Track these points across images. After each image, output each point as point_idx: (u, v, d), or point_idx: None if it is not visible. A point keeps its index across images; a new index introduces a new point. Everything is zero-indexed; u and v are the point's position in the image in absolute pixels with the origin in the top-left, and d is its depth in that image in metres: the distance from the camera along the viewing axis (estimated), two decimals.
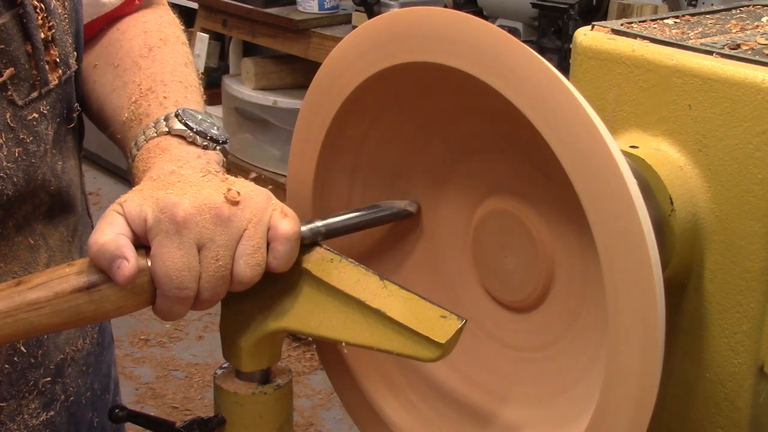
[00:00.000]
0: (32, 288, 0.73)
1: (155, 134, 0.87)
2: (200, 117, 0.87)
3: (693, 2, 2.35)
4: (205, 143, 0.86)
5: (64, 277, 0.74)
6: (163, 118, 0.88)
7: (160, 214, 0.74)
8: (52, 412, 0.95)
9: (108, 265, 0.73)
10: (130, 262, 0.72)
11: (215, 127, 0.87)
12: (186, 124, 0.86)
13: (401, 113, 0.85)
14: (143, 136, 0.87)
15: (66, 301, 0.73)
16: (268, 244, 0.76)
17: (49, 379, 0.94)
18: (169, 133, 0.86)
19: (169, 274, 0.73)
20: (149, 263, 0.74)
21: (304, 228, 0.78)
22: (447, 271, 0.90)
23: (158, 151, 0.85)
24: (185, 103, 0.92)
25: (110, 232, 0.73)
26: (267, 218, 0.76)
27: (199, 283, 0.74)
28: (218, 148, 0.86)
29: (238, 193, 0.76)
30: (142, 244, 0.75)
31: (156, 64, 0.96)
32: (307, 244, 0.79)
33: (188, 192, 0.75)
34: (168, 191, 0.75)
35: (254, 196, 0.77)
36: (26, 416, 0.92)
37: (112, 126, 0.96)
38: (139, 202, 0.75)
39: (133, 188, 0.79)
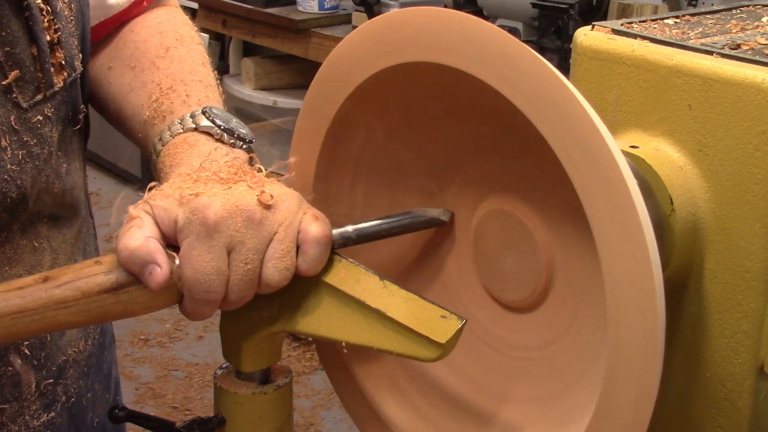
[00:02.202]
0: (60, 286, 0.73)
1: (181, 130, 0.86)
2: (227, 115, 0.87)
3: (693, 2, 2.35)
4: (232, 141, 0.85)
5: (92, 276, 0.73)
6: (188, 114, 0.88)
7: (191, 216, 0.73)
8: (53, 414, 0.95)
9: (140, 271, 0.72)
10: (162, 268, 0.71)
11: (242, 126, 0.87)
12: (213, 121, 0.86)
13: (401, 113, 0.85)
14: (168, 132, 0.87)
15: (93, 301, 0.73)
16: (297, 248, 0.75)
17: (51, 380, 0.94)
18: (196, 129, 0.86)
19: (198, 277, 0.72)
20: (177, 262, 0.73)
21: (334, 232, 0.78)
22: (447, 271, 0.90)
23: (185, 146, 0.84)
24: (207, 101, 0.91)
25: (139, 236, 0.72)
26: (298, 221, 0.75)
27: (227, 286, 0.74)
28: (245, 147, 0.86)
29: (272, 196, 0.75)
30: (169, 243, 0.74)
31: (174, 63, 0.96)
32: (337, 248, 0.78)
33: (219, 193, 0.74)
34: (199, 191, 0.74)
35: (286, 198, 0.76)
36: (27, 417, 0.92)
37: (131, 125, 0.95)
38: (168, 201, 0.74)
39: (161, 185, 0.78)
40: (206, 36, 3.65)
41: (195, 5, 3.69)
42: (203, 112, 0.87)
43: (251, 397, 0.82)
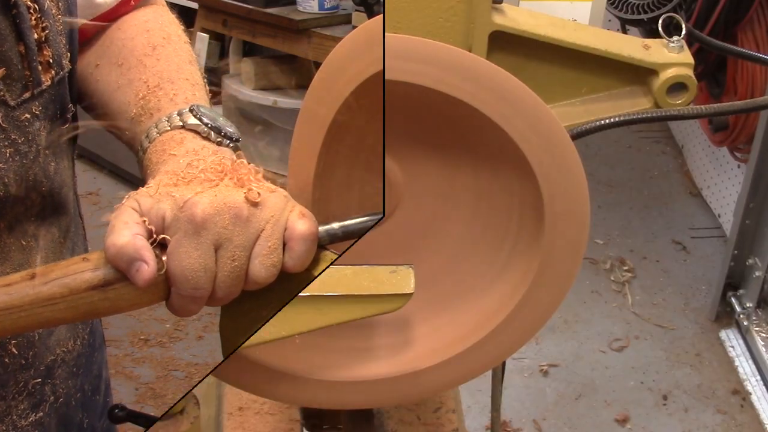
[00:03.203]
0: (47, 283, 0.73)
1: (168, 128, 0.86)
2: (214, 114, 0.87)
3: None
4: (219, 139, 0.86)
5: (80, 273, 0.74)
6: (176, 112, 0.88)
7: (178, 213, 0.73)
8: (41, 413, 0.95)
9: (127, 267, 0.72)
10: (149, 265, 0.72)
11: (229, 125, 0.87)
12: (200, 119, 0.86)
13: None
14: (156, 129, 0.87)
15: (81, 298, 0.73)
16: (284, 245, 0.76)
17: (39, 380, 0.94)
18: (183, 126, 0.86)
19: (186, 274, 0.73)
20: (164, 258, 0.74)
21: (321, 229, 0.79)
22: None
23: (173, 143, 0.85)
24: (194, 100, 0.92)
25: (127, 233, 0.73)
26: (284, 219, 0.76)
27: (214, 283, 0.74)
28: (231, 145, 0.86)
29: (259, 193, 0.75)
30: (157, 240, 0.74)
31: (161, 62, 0.96)
32: (323, 245, 0.79)
33: (206, 190, 0.75)
34: (187, 188, 0.75)
35: (272, 196, 0.76)
36: (15, 417, 0.92)
37: (118, 122, 0.95)
38: (156, 198, 0.75)
39: (149, 182, 0.78)
40: (206, 36, 3.65)
41: (195, 5, 3.68)
42: (191, 110, 0.87)
43: None
